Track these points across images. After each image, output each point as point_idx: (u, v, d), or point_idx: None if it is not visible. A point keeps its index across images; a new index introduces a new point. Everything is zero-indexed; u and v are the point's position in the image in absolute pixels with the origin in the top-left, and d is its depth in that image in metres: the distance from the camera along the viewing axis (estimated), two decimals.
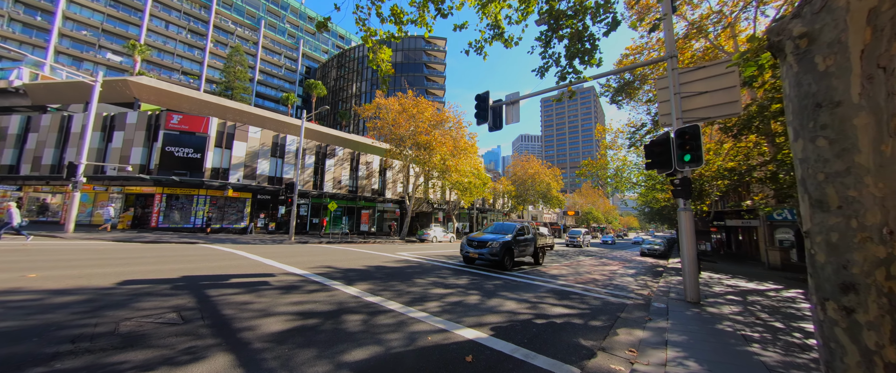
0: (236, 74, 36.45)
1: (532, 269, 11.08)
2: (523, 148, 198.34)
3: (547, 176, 46.49)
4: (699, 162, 6.36)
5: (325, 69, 67.62)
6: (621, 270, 12.69)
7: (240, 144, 21.89)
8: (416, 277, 7.74)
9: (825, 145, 1.69)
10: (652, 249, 22.26)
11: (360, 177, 29.79)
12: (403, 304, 5.13)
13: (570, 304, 6.13)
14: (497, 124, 10.56)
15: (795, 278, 11.95)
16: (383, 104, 25.55)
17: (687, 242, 6.60)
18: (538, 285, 7.88)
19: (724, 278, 10.83)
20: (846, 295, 1.60)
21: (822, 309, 1.70)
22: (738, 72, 6.85)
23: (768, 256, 16.65)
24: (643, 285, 9.35)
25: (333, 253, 12.38)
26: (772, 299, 7.52)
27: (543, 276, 9.59)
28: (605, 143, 26.96)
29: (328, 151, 27.29)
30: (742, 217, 20.68)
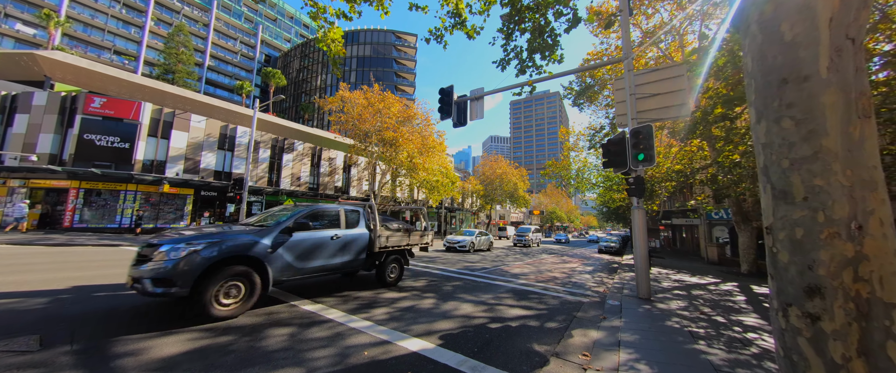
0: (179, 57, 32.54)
1: (495, 268, 10.95)
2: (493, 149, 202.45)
3: (514, 176, 47.52)
4: (651, 161, 6.51)
5: (287, 59, 63.43)
6: (580, 268, 13.04)
7: (180, 134, 19.55)
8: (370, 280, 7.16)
9: (791, 127, 1.46)
10: (608, 246, 23.46)
11: (323, 173, 28.19)
12: (347, 312, 4.58)
13: (528, 304, 5.95)
14: (461, 120, 10.27)
15: (730, 272, 13.05)
16: (348, 97, 24.30)
17: (640, 240, 6.74)
18: (499, 286, 7.68)
19: (671, 273, 11.49)
20: (811, 300, 1.39)
21: (784, 316, 1.48)
22: (686, 76, 7.15)
23: (707, 252, 18.19)
24: (600, 281, 9.57)
25: None
26: (712, 292, 7.98)
27: (505, 275, 9.45)
28: (567, 145, 28.01)
29: (286, 145, 25.43)
30: (687, 216, 22.46)
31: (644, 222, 6.82)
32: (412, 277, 7.94)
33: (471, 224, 53.89)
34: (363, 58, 54.31)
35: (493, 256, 15.29)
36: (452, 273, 9.09)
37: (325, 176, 28.27)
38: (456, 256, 14.54)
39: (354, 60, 54.43)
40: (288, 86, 58.27)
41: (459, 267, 10.55)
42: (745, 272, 12.44)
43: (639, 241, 6.75)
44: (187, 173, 19.74)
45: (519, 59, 6.54)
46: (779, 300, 1.51)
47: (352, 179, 30.96)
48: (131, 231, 17.30)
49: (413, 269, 9.53)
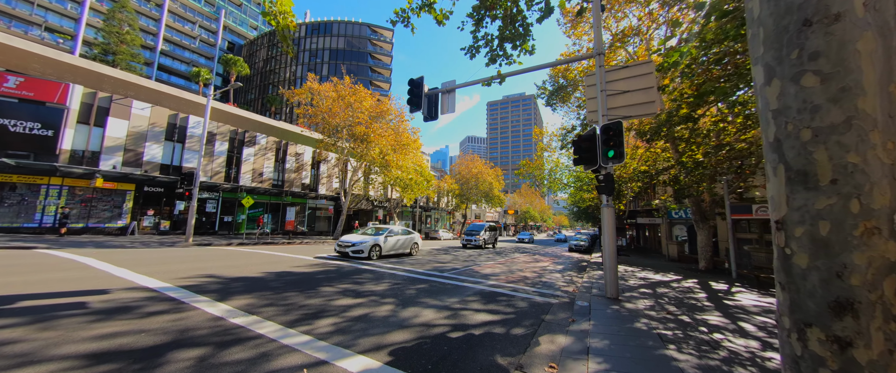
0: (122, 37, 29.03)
1: (466, 268, 10.58)
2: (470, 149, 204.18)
3: (490, 176, 47.86)
4: (621, 158, 6.40)
5: (252, 48, 59.48)
6: (551, 267, 13.03)
7: (118, 121, 17.40)
8: (325, 285, 6.48)
9: (815, 85, 1.08)
10: (578, 244, 24.02)
11: (288, 170, 26.53)
12: (284, 324, 3.93)
13: (495, 308, 5.58)
14: (432, 114, 9.77)
15: (689, 269, 13.63)
16: (317, 89, 23.00)
17: (609, 238, 6.62)
18: (467, 287, 7.27)
19: (637, 271, 11.75)
20: (840, 319, 1.02)
21: (800, 339, 1.11)
22: (655, 75, 7.15)
23: (668, 249, 19.08)
24: (569, 280, 9.49)
25: (234, 257, 10.24)
26: (675, 289, 8.11)
27: (475, 276, 9.09)
28: (541, 145, 28.45)
29: (247, 138, 23.61)
30: (651, 216, 23.53)
31: (613, 221, 6.72)
32: (374, 280, 7.33)
33: (446, 223, 53.64)
34: (336, 50, 52.14)
35: (465, 257, 14.96)
36: (420, 275, 8.58)
37: (291, 172, 26.63)
38: (422, 256, 14.04)
39: (327, 52, 52.10)
40: (253, 76, 54.74)
41: (429, 268, 10.06)
42: (703, 269, 13.04)
43: (607, 240, 6.63)
44: (127, 166, 17.61)
45: (489, 47, 6.16)
46: (793, 318, 1.14)
47: (321, 175, 29.47)
48: (54, 231, 15.07)
49: (378, 271, 8.90)
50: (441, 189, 47.25)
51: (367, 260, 11.13)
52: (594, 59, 7.68)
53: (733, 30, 5.37)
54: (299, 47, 52.71)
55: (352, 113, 22.32)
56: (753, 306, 6.54)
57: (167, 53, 49.70)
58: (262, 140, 24.56)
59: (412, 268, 9.84)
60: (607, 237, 6.64)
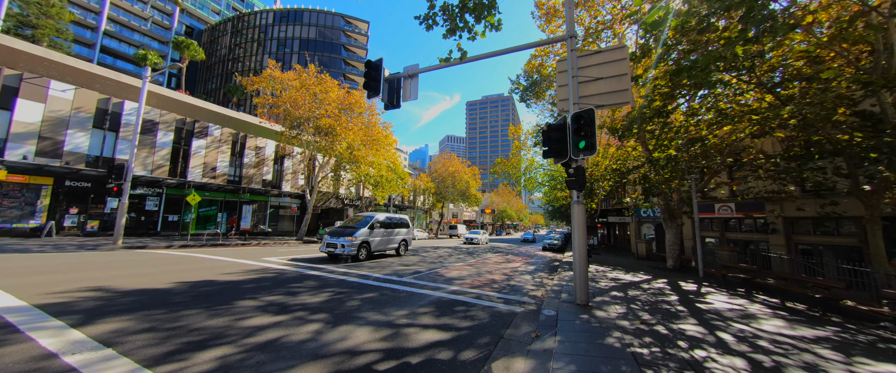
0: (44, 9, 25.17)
1: (430, 272, 9.70)
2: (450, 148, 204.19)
3: (466, 174, 47.32)
4: (593, 150, 5.78)
5: (214, 34, 55.09)
6: (523, 268, 12.46)
7: (31, 104, 14.88)
8: (248, 298, 5.34)
9: None
10: (551, 243, 23.92)
11: (247, 164, 24.38)
12: (143, 362, 2.84)
13: (448, 322, 4.73)
14: (393, 101, 8.78)
15: (657, 267, 13.59)
16: (278, 77, 21.16)
17: (579, 238, 5.99)
18: (423, 295, 6.39)
19: (608, 271, 11.44)
20: None
21: None
22: (628, 61, 6.62)
23: (637, 247, 19.29)
24: (539, 283, 8.88)
25: (155, 264, 8.71)
26: (646, 291, 7.69)
27: (437, 281, 8.23)
28: (516, 143, 28.20)
29: (197, 128, 21.32)
30: (621, 214, 23.85)
31: (584, 219, 6.09)
32: (314, 290, 6.26)
33: (423, 223, 52.57)
34: (307, 40, 49.33)
35: (435, 257, 14.09)
36: (373, 281, 7.59)
37: (250, 168, 24.49)
38: (388, 259, 13.03)
39: (296, 42, 49.19)
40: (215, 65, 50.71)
41: (388, 272, 9.08)
42: (671, 268, 13.02)
43: (577, 239, 6.00)
44: (43, 157, 15.11)
45: (447, 15, 5.30)
46: None
47: (285, 171, 27.45)
48: None
49: (326, 277, 7.81)
50: (417, 187, 46.12)
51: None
52: (566, 43, 7.04)
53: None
54: (266, 35, 49.39)
55: (317, 104, 20.74)
56: (727, 309, 6.16)
57: (113, 35, 44.74)
58: (215, 131, 22.31)
59: (370, 272, 8.82)
60: (577, 237, 6.01)
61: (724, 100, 8.80)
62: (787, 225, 14.16)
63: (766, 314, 5.85)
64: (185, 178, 20.40)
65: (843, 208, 10.85)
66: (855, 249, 11.98)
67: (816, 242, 13.26)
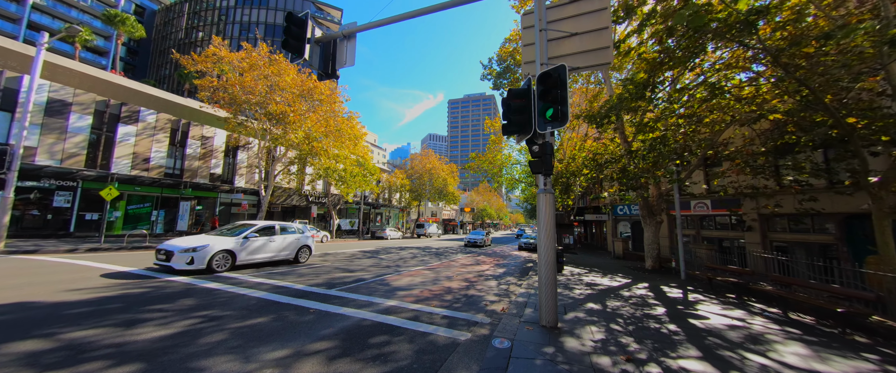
0: None
1: (376, 279, 8.01)
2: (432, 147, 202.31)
3: (444, 172, 45.79)
4: (564, 119, 4.32)
5: (169, 15, 50.13)
6: (490, 271, 11.02)
7: None
8: (41, 336, 3.45)
9: None
10: (528, 243, 22.82)
11: (191, 156, 21.54)
12: None
13: (343, 370, 3.09)
14: (328, 68, 7.00)
15: (635, 268, 12.59)
16: (224, 57, 18.59)
17: (546, 238, 4.52)
18: (339, 317, 4.72)
19: (584, 274, 10.22)
20: None
21: None
22: (609, 11, 5.24)
23: (614, 246, 18.47)
24: (504, 292, 7.41)
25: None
26: (628, 301, 6.40)
27: (376, 293, 6.56)
28: (493, 138, 26.96)
29: (124, 112, 18.38)
30: (598, 212, 23.13)
31: (552, 212, 4.64)
32: (177, 315, 4.41)
33: (399, 222, 50.55)
34: (273, 25, 45.76)
35: (392, 261, 12.40)
36: (286, 296, 5.81)
37: (194, 160, 21.66)
38: (331, 262, 11.22)
39: (261, 27, 45.52)
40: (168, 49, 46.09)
41: (317, 282, 7.31)
42: (650, 268, 12.04)
43: (545, 240, 4.53)
44: None
45: None
46: None
47: (239, 165, 24.70)
48: None
49: (223, 291, 5.94)
50: (393, 185, 44.06)
51: (206, 273, 7.43)
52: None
53: None
54: (227, 18, 45.40)
55: (270, 88, 18.38)
56: (727, 327, 4.91)
57: (43, 9, 39.39)
58: (148, 117, 19.39)
59: (295, 283, 7.00)
60: (545, 237, 4.54)
61: (717, 75, 7.68)
62: (763, 222, 13.61)
63: (777, 334, 4.63)
64: (108, 169, 17.49)
65: (822, 205, 10.22)
66: (830, 247, 11.50)
67: (792, 240, 12.74)
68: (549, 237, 4.53)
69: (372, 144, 78.72)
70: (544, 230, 4.55)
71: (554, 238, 4.63)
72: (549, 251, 4.50)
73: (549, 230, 4.54)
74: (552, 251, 4.52)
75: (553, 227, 4.60)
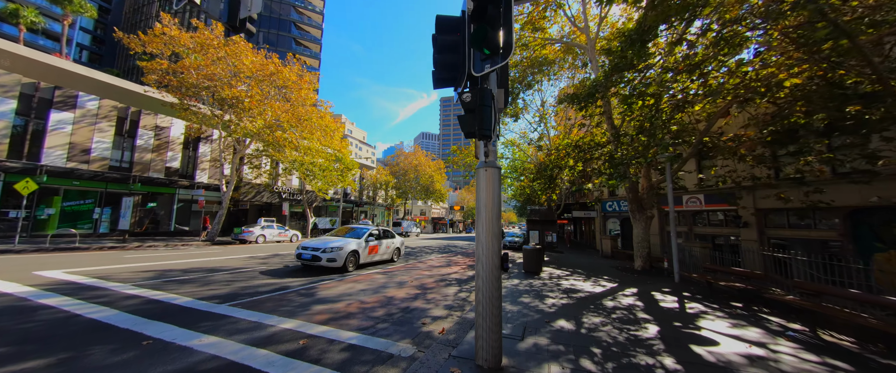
0: None
1: (308, 284, 6.45)
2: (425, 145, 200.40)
3: (430, 168, 44.21)
4: (507, 51, 2.82)
5: (139, 1, 47.27)
6: (458, 274, 9.53)
7: None
8: None
9: None
10: (512, 241, 21.57)
11: (142, 148, 19.56)
12: None
13: None
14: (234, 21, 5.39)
15: (624, 269, 11.27)
16: (175, 36, 16.67)
17: (485, 233, 3.03)
18: (189, 352, 3.17)
19: (563, 276, 8.81)
20: None
21: None
22: None
23: (602, 244, 17.21)
24: (460, 303, 5.92)
25: None
26: (611, 316, 4.97)
27: (283, 307, 5.01)
28: None
29: (59, 97, 16.36)
30: (586, 208, 21.86)
31: (495, 195, 3.14)
32: None
33: (385, 220, 48.81)
34: None
35: None
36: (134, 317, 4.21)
37: (146, 152, 19.67)
38: (270, 265, 9.61)
39: None
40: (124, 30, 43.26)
41: (229, 289, 5.72)
42: (640, 269, 10.72)
43: (484, 238, 3.04)
44: None
45: None
46: None
47: (202, 158, 22.72)
48: None
49: (67, 312, 4.31)
50: (377, 182, 42.30)
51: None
52: None
53: None
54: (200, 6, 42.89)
55: (227, 72, 16.55)
56: (745, 358, 3.50)
57: None
58: (89, 103, 17.37)
59: (172, 296, 5.39)
60: (484, 231, 3.04)
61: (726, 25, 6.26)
62: (760, 218, 12.42)
63: (819, 371, 3.23)
64: (38, 161, 15.47)
65: (831, 197, 9.03)
66: (829, 244, 10.39)
67: (792, 237, 11.58)
68: (490, 234, 3.04)
69: (360, 142, 76.61)
70: (484, 223, 3.06)
71: (498, 234, 3.13)
72: (490, 255, 3.00)
73: (490, 223, 3.05)
74: (494, 255, 3.02)
75: (496, 217, 3.10)
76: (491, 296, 2.97)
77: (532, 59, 15.44)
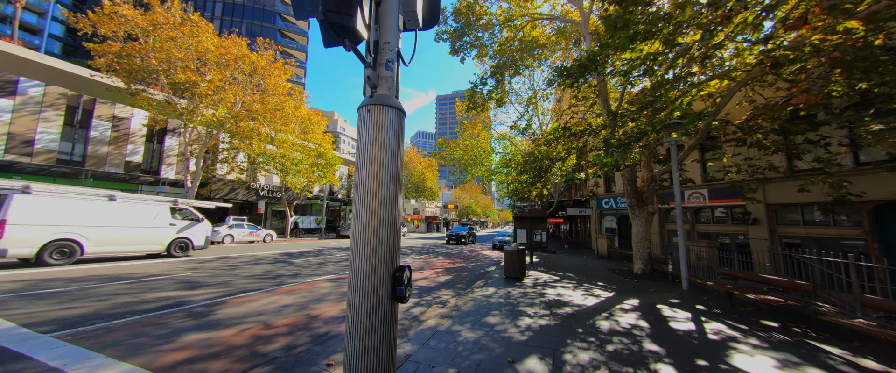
0: None
1: (216, 299, 4.95)
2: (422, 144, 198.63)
3: (422, 165, 42.69)
4: None
5: None
6: (425, 281, 8.07)
7: None
8: None
9: None
10: (503, 241, 20.30)
11: (97, 140, 17.88)
12: None
13: None
14: None
15: (622, 272, 9.87)
16: (127, 15, 15.03)
17: (369, 230, 1.58)
18: None
19: (552, 283, 7.37)
20: None
21: None
22: None
23: (598, 244, 15.84)
24: (406, 322, 4.45)
25: None
26: (605, 347, 3.53)
27: (140, 337, 3.53)
28: (466, 123, 24.11)
29: None
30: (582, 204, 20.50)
31: (389, 154, 1.65)
32: None
33: None
34: (232, 4, 41.62)
35: (302, 267, 9.32)
36: None
37: (101, 144, 17.99)
38: (205, 269, 8.10)
39: (219, 6, 41.30)
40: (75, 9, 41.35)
41: (103, 306, 4.21)
42: (640, 273, 9.31)
43: (366, 239, 1.58)
44: None
45: None
46: None
47: (169, 152, 21.04)
48: None
49: None
50: None
51: None
52: None
53: None
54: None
55: (181, 54, 14.93)
56: None
57: None
58: (31, 90, 15.68)
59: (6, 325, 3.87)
60: (366, 230, 1.58)
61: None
62: (771, 214, 11.07)
63: None
64: None
65: (860, 189, 7.71)
66: (846, 243, 9.09)
67: (806, 235, 10.23)
68: (378, 230, 1.58)
69: (353, 139, 74.91)
70: (368, 210, 1.60)
71: (394, 232, 1.66)
72: (374, 271, 1.54)
73: (380, 208, 1.59)
74: (380, 270, 1.55)
75: (392, 197, 1.64)
76: (368, 347, 1.51)
77: (521, 40, 14.00)
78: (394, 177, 1.68)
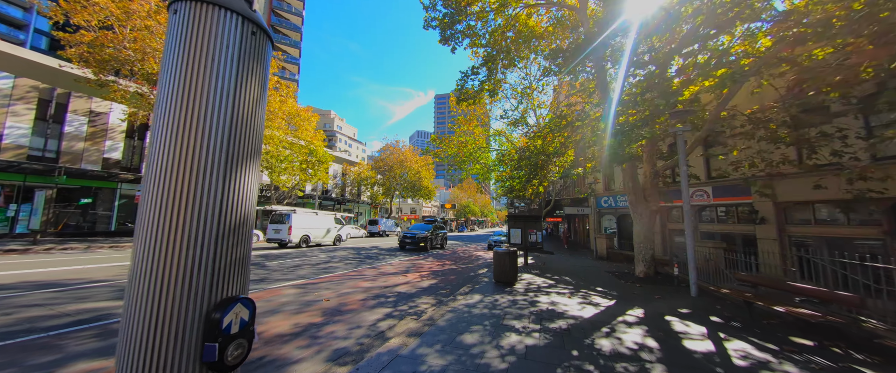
0: None
1: None
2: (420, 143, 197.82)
3: (417, 163, 41.85)
4: None
5: None
6: (405, 287, 7.31)
7: None
8: None
9: None
10: (498, 241, 19.54)
11: (72, 135, 17.08)
12: None
13: None
14: None
15: (622, 275, 9.13)
16: (100, 3, 14.17)
17: (164, 225, 0.84)
18: None
19: (547, 288, 6.63)
20: None
21: None
22: None
23: (597, 244, 15.12)
24: (368, 339, 3.70)
25: None
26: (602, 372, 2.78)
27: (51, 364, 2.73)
28: (460, 119, 23.34)
29: None
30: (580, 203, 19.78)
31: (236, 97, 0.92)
32: None
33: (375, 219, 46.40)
34: None
35: (262, 276, 8.56)
36: None
37: (77, 140, 17.19)
38: None
39: None
40: None
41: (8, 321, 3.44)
42: (642, 277, 8.57)
43: (149, 244, 0.85)
44: None
45: None
46: None
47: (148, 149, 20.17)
48: None
49: None
50: (360, 177, 39.91)
51: None
52: None
53: None
54: None
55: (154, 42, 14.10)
56: None
57: None
58: (1, 83, 14.86)
59: None
60: (158, 226, 0.83)
61: None
62: (780, 212, 10.37)
63: None
64: None
65: (884, 185, 7.00)
66: (858, 242, 8.43)
67: (818, 235, 9.54)
68: (187, 223, 0.83)
69: (350, 138, 73.90)
70: (167, 188, 0.85)
71: (236, 231, 0.91)
72: (149, 291, 0.79)
73: (194, 193, 0.83)
74: (190, 302, 0.80)
75: (229, 173, 0.89)
76: None
77: (515, 29, 13.23)
78: (237, 138, 0.93)
